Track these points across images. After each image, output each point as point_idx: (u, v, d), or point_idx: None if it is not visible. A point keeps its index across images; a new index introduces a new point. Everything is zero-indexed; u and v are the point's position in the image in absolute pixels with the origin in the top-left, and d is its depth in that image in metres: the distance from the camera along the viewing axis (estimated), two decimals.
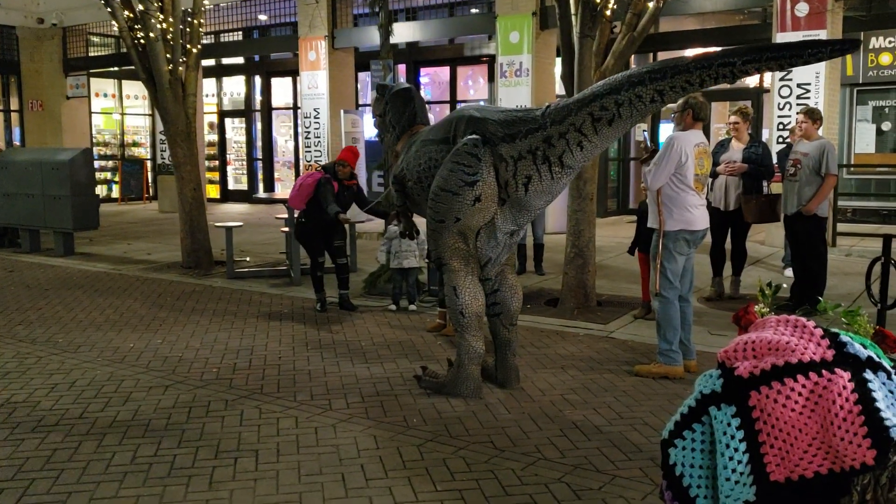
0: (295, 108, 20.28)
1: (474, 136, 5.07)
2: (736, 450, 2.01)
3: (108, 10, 10.53)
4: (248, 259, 11.17)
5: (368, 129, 18.08)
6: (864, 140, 13.52)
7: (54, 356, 6.50)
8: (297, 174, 20.37)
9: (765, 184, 8.21)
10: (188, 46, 10.61)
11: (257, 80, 21.01)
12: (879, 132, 13.48)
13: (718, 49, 4.18)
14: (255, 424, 4.89)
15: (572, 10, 7.67)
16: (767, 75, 14.21)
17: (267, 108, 20.85)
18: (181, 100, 10.55)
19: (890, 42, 12.69)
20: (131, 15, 10.40)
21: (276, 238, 13.53)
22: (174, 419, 4.99)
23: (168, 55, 10.38)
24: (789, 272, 9.66)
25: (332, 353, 6.48)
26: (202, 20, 10.92)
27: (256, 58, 20.46)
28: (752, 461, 2.00)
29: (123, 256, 12.06)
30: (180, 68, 10.52)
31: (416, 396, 5.38)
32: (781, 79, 11.31)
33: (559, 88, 16.02)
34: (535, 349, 6.46)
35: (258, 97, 21.12)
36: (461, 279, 5.23)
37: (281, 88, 20.90)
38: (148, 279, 10.09)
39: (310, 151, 16.61)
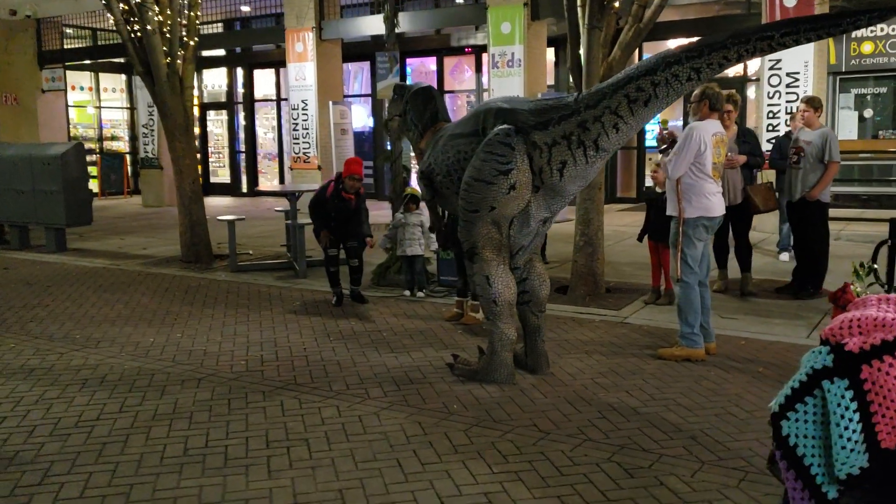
0: (279, 100, 20.21)
1: (505, 125, 5.16)
2: (850, 420, 2.14)
3: (104, 1, 10.44)
4: (250, 252, 11.17)
5: (357, 119, 18.12)
6: (847, 127, 13.82)
7: (76, 352, 6.49)
8: (282, 167, 20.34)
9: (756, 173, 8.13)
10: (185, 39, 10.55)
11: (239, 72, 20.88)
12: (861, 119, 13.79)
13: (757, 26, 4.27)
14: (299, 414, 4.95)
15: (579, 2, 7.77)
16: (752, 64, 14.47)
17: (250, 101, 20.75)
18: (179, 93, 10.50)
19: (872, 31, 12.97)
20: (126, 7, 10.32)
21: (270, 231, 13.55)
22: (216, 411, 5.04)
23: (165, 48, 10.33)
24: (784, 256, 9.91)
25: (355, 343, 6.55)
26: (199, 12, 10.86)
27: (238, 49, 20.32)
28: (865, 430, 2.13)
29: (118, 252, 11.99)
30: (178, 61, 10.46)
31: (451, 384, 5.48)
32: (771, 67, 11.53)
33: (551, 79, 16.19)
34: (556, 335, 6.57)
35: (240, 89, 20.99)
36: (494, 268, 5.33)
37: (264, 80, 20.79)
38: (150, 274, 10.06)
39: (298, 144, 16.58)
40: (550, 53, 15.82)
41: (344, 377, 5.68)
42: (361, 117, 19.04)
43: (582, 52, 7.78)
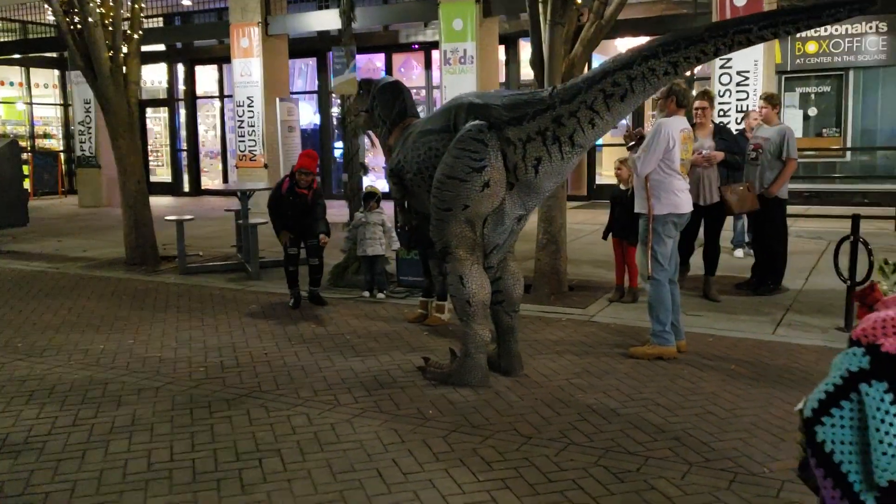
0: (221, 96, 19.74)
1: (477, 121, 5.01)
2: (891, 424, 2.04)
3: None
4: (200, 253, 10.80)
5: (304, 116, 17.79)
6: (792, 125, 13.99)
7: (20, 361, 6.13)
8: (225, 166, 19.87)
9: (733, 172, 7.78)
10: (129, 32, 10.14)
11: (180, 68, 20.32)
12: (806, 118, 14.03)
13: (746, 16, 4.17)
14: (267, 423, 4.72)
15: None
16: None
17: (191, 98, 20.20)
18: (123, 89, 10.09)
19: (816, 31, 13.19)
20: None
21: (217, 231, 13.18)
22: (178, 422, 4.77)
23: (107, 42, 9.91)
24: (738, 253, 9.97)
25: (318, 347, 6.33)
26: (142, 4, 10.45)
27: (179, 45, 19.76)
28: None
29: (57, 254, 11.49)
30: (121, 55, 10.05)
31: (423, 388, 5.30)
32: (721, 66, 11.62)
33: (502, 76, 16.12)
34: (525, 336, 6.41)
35: (181, 86, 20.43)
36: (467, 268, 5.17)
37: (206, 77, 20.28)
38: (93, 277, 9.63)
39: (243, 141, 16.17)
40: (502, 50, 15.75)
41: (310, 383, 5.46)
42: (307, 114, 18.70)
43: (544, 48, 7.68)
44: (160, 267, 10.14)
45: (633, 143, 6.08)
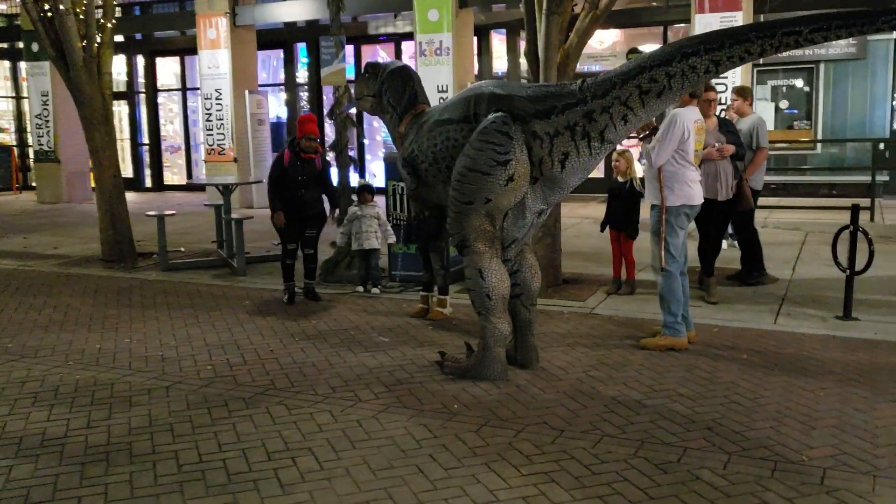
0: (184, 89, 19.33)
1: (500, 113, 4.94)
2: None
3: None
4: (182, 249, 10.54)
5: (274, 109, 17.52)
6: (764, 118, 14.23)
7: (14, 362, 5.91)
8: (189, 160, 19.49)
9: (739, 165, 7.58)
10: (102, 21, 9.85)
11: (140, 60, 19.85)
12: (777, 110, 14.25)
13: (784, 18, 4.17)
14: (290, 421, 4.61)
15: None
16: None
17: (152, 90, 19.75)
18: (97, 79, 9.79)
19: None
20: None
21: (190, 227, 12.92)
22: (198, 421, 4.64)
23: (80, 31, 9.60)
24: (723, 244, 10.06)
25: (324, 343, 6.21)
26: None
27: (139, 36, 19.28)
28: None
29: (26, 251, 11.13)
30: (95, 45, 9.75)
31: (442, 382, 5.24)
32: None
33: (500, 65, 16.11)
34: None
35: (141, 79, 19.96)
36: (486, 261, 5.11)
37: (167, 69, 19.84)
38: (71, 275, 9.34)
39: (212, 135, 15.85)
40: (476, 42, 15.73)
41: (325, 379, 5.35)
42: (273, 108, 18.40)
43: (540, 38, 7.63)
44: (139, 264, 9.88)
45: (646, 133, 6.06)
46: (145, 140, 20.02)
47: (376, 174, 14.99)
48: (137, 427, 4.57)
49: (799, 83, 14.04)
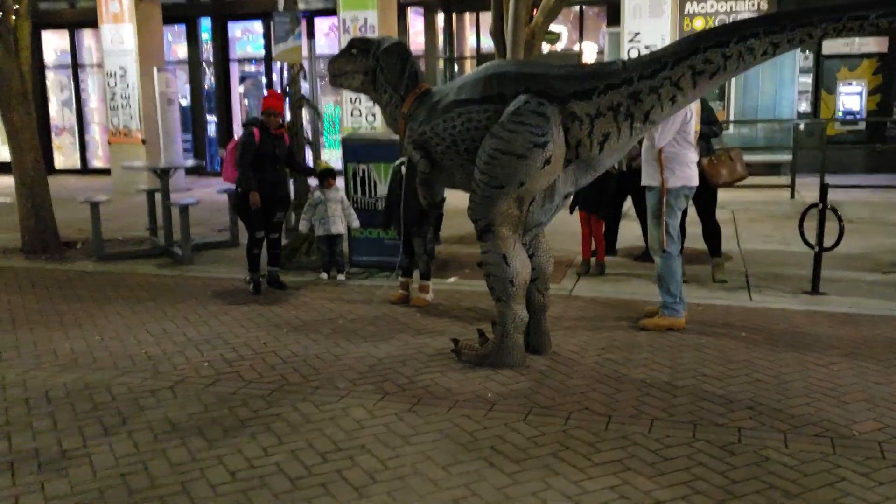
0: (75, 65, 18.12)
1: (530, 93, 4.81)
2: None
3: None
4: (119, 238, 9.87)
5: (183, 87, 16.69)
6: None
7: None
8: (83, 142, 18.33)
9: (714, 141, 7.61)
10: None
11: None
12: None
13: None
14: (325, 419, 4.37)
15: None
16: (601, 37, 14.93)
17: (38, 67, 18.37)
18: (14, 54, 8.99)
19: (702, 7, 13.84)
20: None
21: (114, 213, 12.10)
22: (226, 423, 4.33)
23: None
24: None
25: (317, 334, 5.94)
26: None
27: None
28: None
29: None
30: (11, 17, 8.94)
31: (462, 371, 5.10)
32: (630, 41, 11.94)
33: (416, 44, 15.82)
34: None
35: None
36: (511, 246, 4.99)
37: (54, 44, 18.51)
38: None
39: (117, 115, 14.91)
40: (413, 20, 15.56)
41: (338, 372, 5.12)
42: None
43: (507, 17, 7.54)
44: (66, 254, 9.19)
45: None
46: None
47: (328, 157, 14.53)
48: (162, 433, 4.22)
49: None
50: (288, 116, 8.14)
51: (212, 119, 17.75)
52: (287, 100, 8.18)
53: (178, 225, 8.62)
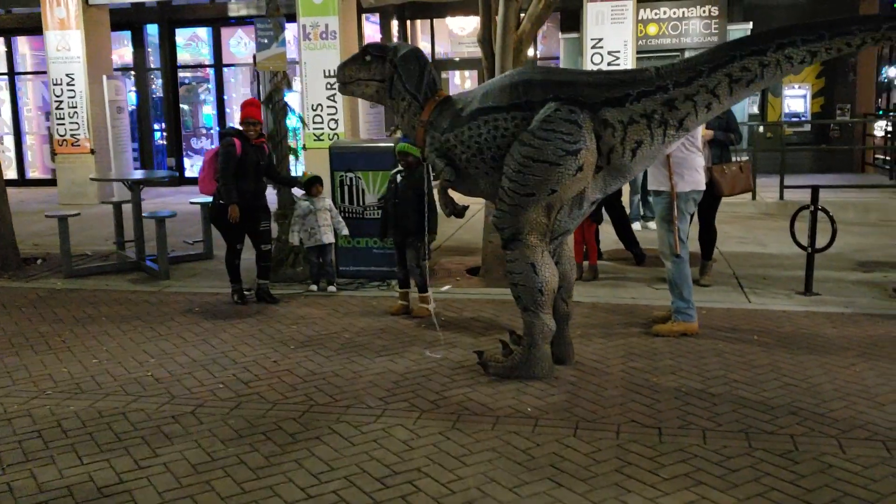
0: (11, 73, 17.34)
1: (560, 101, 4.72)
2: None
3: None
4: (88, 253, 9.41)
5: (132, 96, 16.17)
6: None
7: None
8: (20, 153, 17.55)
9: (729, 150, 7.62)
10: None
11: None
12: None
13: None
14: (369, 441, 4.20)
15: None
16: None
17: None
18: None
19: (655, 13, 14.02)
20: None
21: (53, 227, 11.55)
22: (265, 450, 4.11)
23: None
24: (636, 226, 10.32)
25: (326, 350, 5.74)
26: None
27: None
28: None
29: None
30: None
31: (491, 384, 4.98)
32: (593, 46, 12.01)
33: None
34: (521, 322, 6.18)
35: None
36: (539, 255, 4.90)
37: None
38: None
39: (63, 125, 14.27)
40: (365, 25, 15.32)
41: (364, 390, 4.94)
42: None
43: (497, 24, 7.44)
44: (29, 271, 8.73)
45: None
46: None
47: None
48: (200, 463, 3.98)
49: None
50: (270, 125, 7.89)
51: (157, 128, 17.22)
52: (271, 108, 7.92)
53: (146, 238, 8.26)
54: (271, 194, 7.62)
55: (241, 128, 7.01)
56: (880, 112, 16.27)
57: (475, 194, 5.32)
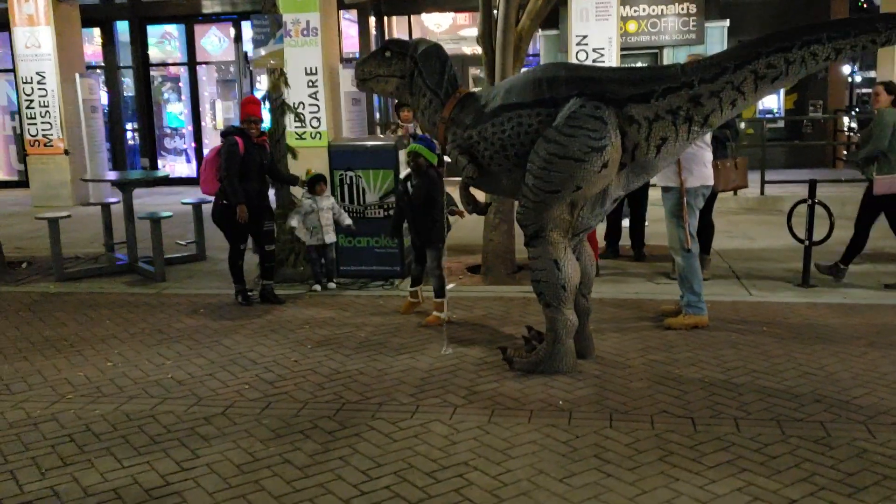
0: None
1: (584, 97, 4.77)
2: None
3: None
4: (79, 256, 9.23)
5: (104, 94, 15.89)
6: None
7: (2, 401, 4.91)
8: None
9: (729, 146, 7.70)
10: None
11: None
12: None
13: None
14: (410, 437, 4.21)
15: None
16: None
17: None
18: None
19: (635, 10, 14.17)
20: None
21: (35, 229, 11.33)
22: (306, 448, 4.10)
23: None
24: (625, 222, 10.45)
25: (346, 349, 5.73)
26: None
27: None
28: None
29: None
30: None
31: (517, 379, 5.02)
32: (578, 43, 12.11)
33: (349, 46, 15.56)
34: (533, 318, 6.23)
35: None
36: (562, 251, 4.95)
37: None
38: None
39: (35, 124, 13.98)
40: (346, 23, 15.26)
41: (394, 387, 4.95)
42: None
43: (498, 20, 7.48)
44: (17, 276, 8.55)
45: None
46: None
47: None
48: (243, 463, 3.96)
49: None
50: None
51: (130, 127, 16.96)
52: (270, 106, 7.87)
53: (135, 239, 8.15)
54: (271, 194, 7.57)
55: (242, 126, 6.95)
56: (856, 110, 16.64)
57: (497, 192, 5.36)
